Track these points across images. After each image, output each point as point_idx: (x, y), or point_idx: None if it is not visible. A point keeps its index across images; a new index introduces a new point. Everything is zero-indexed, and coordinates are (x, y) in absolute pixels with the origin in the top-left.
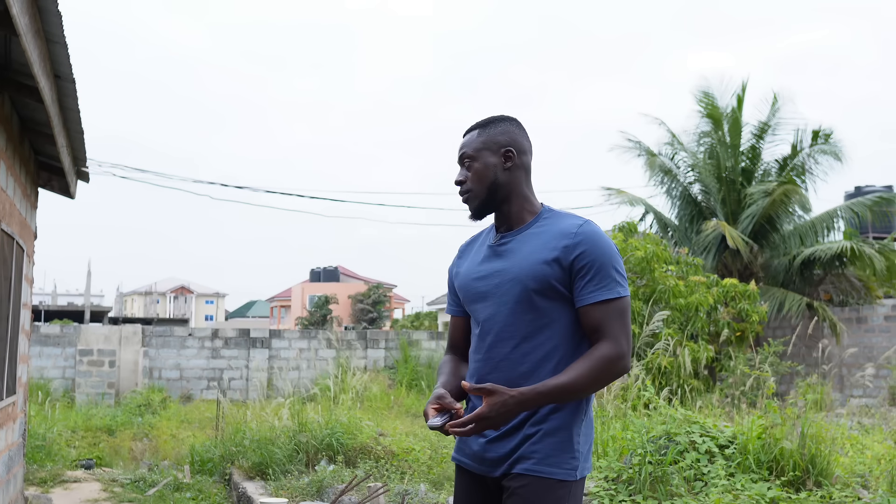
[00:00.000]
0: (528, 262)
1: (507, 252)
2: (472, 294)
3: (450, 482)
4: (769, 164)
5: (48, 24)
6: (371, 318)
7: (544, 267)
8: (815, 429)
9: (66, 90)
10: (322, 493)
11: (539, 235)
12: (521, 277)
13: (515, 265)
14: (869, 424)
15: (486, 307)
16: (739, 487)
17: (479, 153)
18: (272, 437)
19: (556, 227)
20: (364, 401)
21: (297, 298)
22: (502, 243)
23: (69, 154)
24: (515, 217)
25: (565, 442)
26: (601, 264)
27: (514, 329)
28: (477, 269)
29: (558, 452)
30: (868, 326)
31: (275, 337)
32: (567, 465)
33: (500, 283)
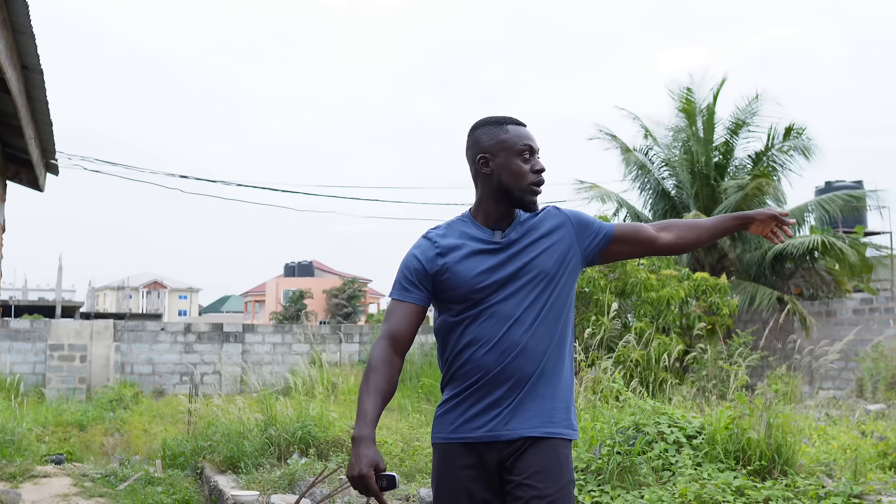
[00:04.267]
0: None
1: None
2: (484, 287)
3: (422, 474)
4: (742, 160)
5: (15, 14)
6: (346, 312)
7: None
8: (781, 419)
9: (33, 81)
10: (294, 486)
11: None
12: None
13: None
14: (836, 415)
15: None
16: (706, 477)
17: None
18: (243, 430)
19: (537, 217)
20: (338, 395)
21: (271, 293)
22: (512, 242)
23: (38, 146)
24: (512, 216)
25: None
26: (588, 215)
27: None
28: (486, 268)
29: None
30: (837, 320)
31: (248, 332)
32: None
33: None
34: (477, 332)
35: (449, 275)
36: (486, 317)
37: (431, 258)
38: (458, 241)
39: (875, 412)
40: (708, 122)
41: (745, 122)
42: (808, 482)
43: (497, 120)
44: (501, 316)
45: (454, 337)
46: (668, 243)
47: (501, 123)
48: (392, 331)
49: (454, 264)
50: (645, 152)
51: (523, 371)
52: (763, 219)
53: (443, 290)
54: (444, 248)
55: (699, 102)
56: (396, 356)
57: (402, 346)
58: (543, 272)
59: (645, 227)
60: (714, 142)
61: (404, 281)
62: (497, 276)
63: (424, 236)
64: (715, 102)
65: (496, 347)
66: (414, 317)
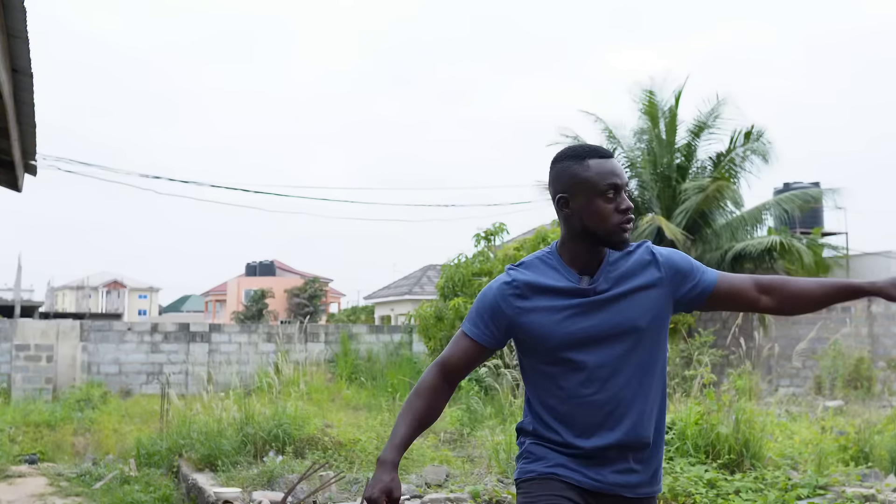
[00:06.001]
0: (641, 306)
1: (612, 301)
2: (575, 341)
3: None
4: (703, 161)
5: (11, 20)
6: (307, 312)
7: (655, 299)
8: (747, 415)
9: (23, 84)
10: (273, 483)
11: (627, 277)
12: (637, 322)
13: (630, 311)
14: (796, 412)
15: (592, 353)
16: (679, 470)
17: (628, 186)
18: (220, 429)
19: (630, 261)
20: (306, 394)
21: (232, 293)
22: (601, 292)
23: (19, 147)
24: (603, 255)
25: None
26: (686, 261)
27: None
28: (577, 319)
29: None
30: (795, 319)
31: (214, 331)
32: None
33: (614, 330)
34: (566, 387)
35: (529, 321)
36: (574, 372)
37: (509, 298)
38: (542, 281)
39: (833, 408)
40: (670, 125)
41: (707, 125)
42: (776, 475)
43: (578, 153)
44: (592, 370)
45: (542, 387)
46: (768, 308)
47: (583, 158)
48: (448, 360)
49: (534, 310)
50: None
51: (631, 432)
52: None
53: (521, 336)
54: (525, 289)
55: (661, 105)
56: (446, 384)
57: (453, 377)
58: (635, 328)
59: (748, 289)
60: (676, 144)
61: (476, 316)
62: (585, 328)
63: (507, 271)
64: (677, 105)
65: (591, 405)
66: (475, 354)
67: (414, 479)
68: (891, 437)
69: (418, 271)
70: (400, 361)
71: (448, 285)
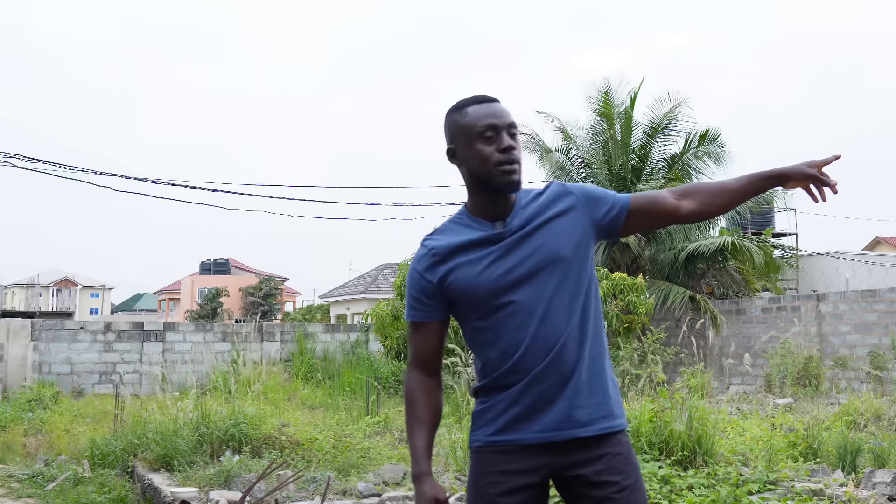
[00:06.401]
0: (560, 235)
1: (527, 236)
2: (504, 287)
3: (355, 468)
4: (658, 163)
5: None
6: (262, 311)
7: (574, 225)
8: (700, 413)
9: None
10: (230, 483)
11: (542, 211)
12: (558, 251)
13: (549, 242)
14: (747, 410)
15: (523, 292)
16: None
17: (516, 128)
18: (175, 428)
19: (542, 198)
20: (262, 393)
21: (186, 291)
22: (515, 230)
23: None
24: (512, 203)
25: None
26: (599, 188)
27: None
28: (497, 264)
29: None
30: (746, 318)
31: (169, 330)
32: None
33: (536, 264)
34: (505, 334)
35: (453, 280)
36: (510, 316)
37: (430, 268)
38: (455, 240)
39: (783, 406)
40: (626, 126)
41: (662, 127)
42: (728, 471)
43: (459, 104)
44: (526, 312)
45: (484, 344)
46: (691, 212)
47: (462, 107)
48: (417, 356)
49: (456, 269)
50: (565, 153)
51: (566, 367)
52: (800, 177)
53: (453, 298)
54: (443, 252)
55: (617, 106)
56: (430, 377)
57: (431, 366)
58: (559, 258)
59: (664, 198)
60: (631, 145)
61: (411, 300)
62: (507, 270)
63: (421, 244)
64: (632, 106)
65: (531, 346)
66: (432, 334)
67: (371, 477)
68: (838, 433)
69: (374, 270)
70: (356, 360)
71: (405, 284)
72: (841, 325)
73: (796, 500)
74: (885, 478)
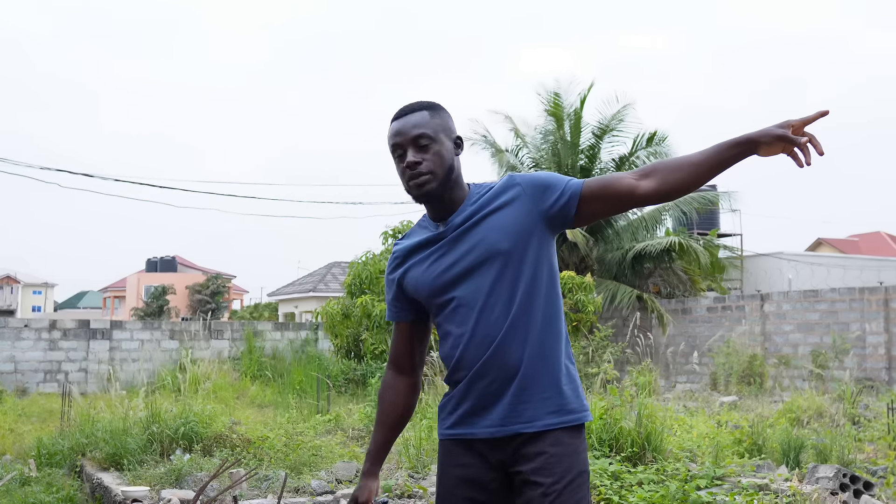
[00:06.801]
0: (500, 228)
1: (466, 232)
2: (443, 285)
3: (307, 467)
4: (607, 163)
5: None
6: (209, 308)
7: (515, 217)
8: (649, 410)
9: None
10: (181, 481)
11: (485, 206)
12: (497, 245)
13: (488, 237)
14: (693, 407)
15: (463, 288)
16: None
17: (438, 135)
18: (125, 427)
19: (490, 192)
20: (211, 391)
21: (132, 289)
22: (455, 227)
23: None
24: (457, 202)
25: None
26: (550, 175)
27: (501, 294)
28: (438, 263)
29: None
30: (692, 317)
31: (116, 328)
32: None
33: (474, 259)
34: (452, 329)
35: (408, 279)
36: (452, 312)
37: (392, 270)
38: (411, 242)
39: (728, 403)
40: (575, 127)
41: (611, 128)
42: (676, 466)
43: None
44: (466, 307)
45: (441, 340)
46: (650, 192)
47: (391, 123)
48: (391, 355)
49: (408, 270)
50: (516, 153)
51: (508, 361)
52: (770, 141)
53: (411, 297)
54: (401, 254)
55: (567, 107)
56: (401, 376)
57: (404, 365)
58: (497, 252)
59: (620, 178)
60: (580, 145)
61: (388, 300)
62: (447, 265)
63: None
64: (582, 108)
65: (471, 342)
66: (407, 333)
67: (324, 475)
68: (782, 430)
69: (323, 268)
70: (306, 359)
71: (355, 283)
72: (784, 325)
73: (743, 494)
74: (828, 472)
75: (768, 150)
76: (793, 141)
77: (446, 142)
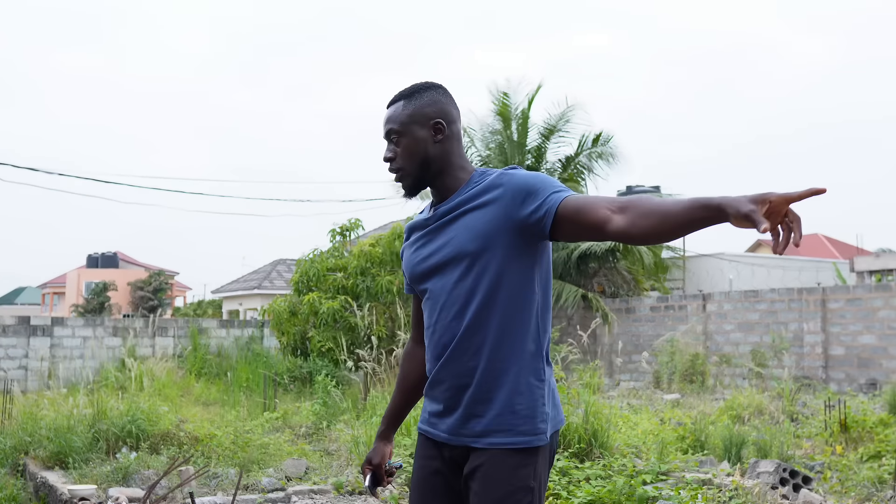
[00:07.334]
0: (471, 229)
1: (445, 225)
2: (419, 274)
3: (256, 465)
4: (553, 163)
5: None
6: (151, 305)
7: (487, 221)
8: (595, 408)
9: None
10: (128, 479)
11: (471, 199)
12: (464, 246)
13: (459, 236)
14: (637, 405)
15: (434, 282)
16: None
17: (408, 127)
18: (70, 425)
19: (482, 186)
20: (156, 389)
21: (72, 285)
22: (438, 217)
23: None
24: (449, 189)
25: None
26: (543, 183)
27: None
28: (420, 250)
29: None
30: (636, 316)
31: (57, 325)
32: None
33: (444, 256)
34: (426, 319)
35: (403, 258)
36: (426, 301)
37: (403, 243)
38: (416, 220)
39: (671, 401)
40: (522, 127)
41: (557, 129)
42: (623, 462)
43: None
44: (434, 301)
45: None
46: (619, 231)
47: None
48: (413, 326)
49: (406, 248)
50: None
51: (461, 371)
52: (736, 215)
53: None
54: (408, 231)
55: (514, 107)
56: (418, 346)
57: (418, 335)
58: (462, 253)
59: (596, 207)
60: (527, 145)
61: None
62: (424, 255)
63: None
64: (529, 108)
65: (433, 338)
66: (417, 304)
67: (273, 472)
68: (723, 427)
69: (268, 265)
70: (252, 357)
71: (303, 280)
72: (725, 324)
73: (687, 489)
74: (768, 467)
75: (738, 223)
76: (756, 224)
77: (419, 132)
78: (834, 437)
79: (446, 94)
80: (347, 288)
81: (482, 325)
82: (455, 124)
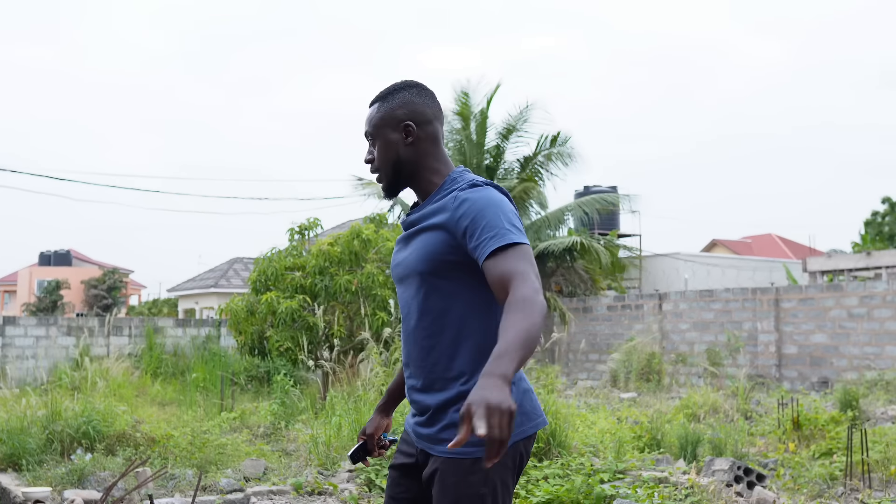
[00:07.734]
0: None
1: (411, 237)
2: (394, 278)
3: (214, 465)
4: (512, 163)
5: None
6: (106, 304)
7: (436, 244)
8: (553, 407)
9: None
10: (84, 481)
11: (430, 214)
12: (415, 266)
13: (414, 253)
14: (594, 404)
15: (400, 290)
16: None
17: (380, 130)
18: (23, 426)
19: (442, 202)
20: (111, 389)
21: (24, 283)
22: (406, 227)
23: None
24: (424, 192)
25: None
26: (486, 219)
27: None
28: (396, 255)
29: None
30: (593, 316)
31: (9, 324)
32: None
33: (404, 268)
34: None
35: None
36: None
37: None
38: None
39: (628, 400)
40: (481, 127)
41: (516, 129)
42: (581, 461)
43: None
44: (401, 306)
45: None
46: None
47: None
48: None
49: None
50: None
51: (420, 372)
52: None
53: None
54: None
55: (474, 107)
56: None
57: None
58: (414, 272)
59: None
60: (486, 145)
61: None
62: (396, 262)
63: None
64: (488, 108)
65: (402, 339)
66: None
67: (231, 473)
68: (679, 425)
69: (225, 264)
70: (209, 356)
71: (261, 279)
72: (681, 323)
73: (644, 487)
74: (724, 465)
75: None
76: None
77: (391, 134)
78: (787, 435)
79: (422, 94)
80: (306, 287)
81: (436, 339)
82: (429, 125)
